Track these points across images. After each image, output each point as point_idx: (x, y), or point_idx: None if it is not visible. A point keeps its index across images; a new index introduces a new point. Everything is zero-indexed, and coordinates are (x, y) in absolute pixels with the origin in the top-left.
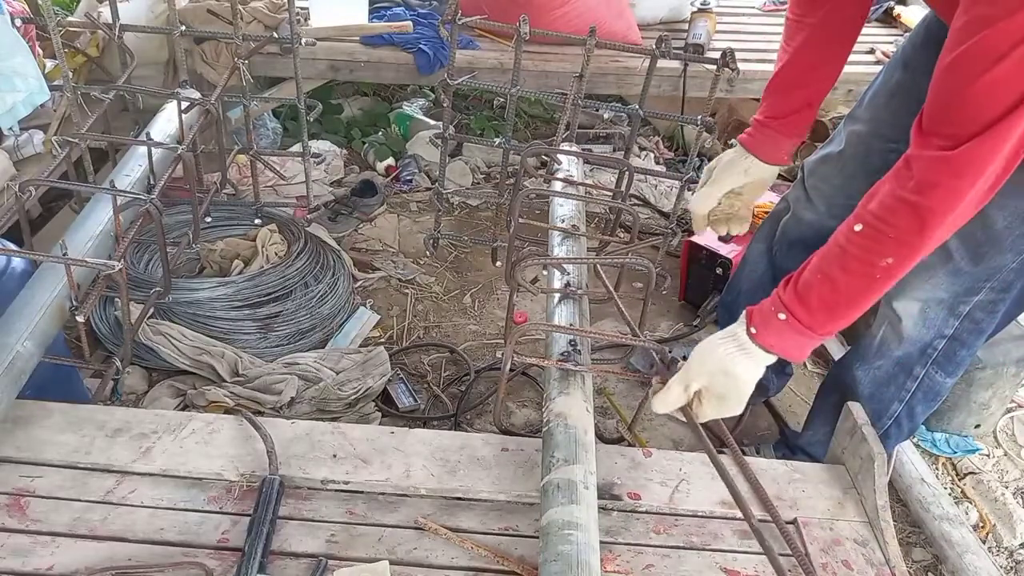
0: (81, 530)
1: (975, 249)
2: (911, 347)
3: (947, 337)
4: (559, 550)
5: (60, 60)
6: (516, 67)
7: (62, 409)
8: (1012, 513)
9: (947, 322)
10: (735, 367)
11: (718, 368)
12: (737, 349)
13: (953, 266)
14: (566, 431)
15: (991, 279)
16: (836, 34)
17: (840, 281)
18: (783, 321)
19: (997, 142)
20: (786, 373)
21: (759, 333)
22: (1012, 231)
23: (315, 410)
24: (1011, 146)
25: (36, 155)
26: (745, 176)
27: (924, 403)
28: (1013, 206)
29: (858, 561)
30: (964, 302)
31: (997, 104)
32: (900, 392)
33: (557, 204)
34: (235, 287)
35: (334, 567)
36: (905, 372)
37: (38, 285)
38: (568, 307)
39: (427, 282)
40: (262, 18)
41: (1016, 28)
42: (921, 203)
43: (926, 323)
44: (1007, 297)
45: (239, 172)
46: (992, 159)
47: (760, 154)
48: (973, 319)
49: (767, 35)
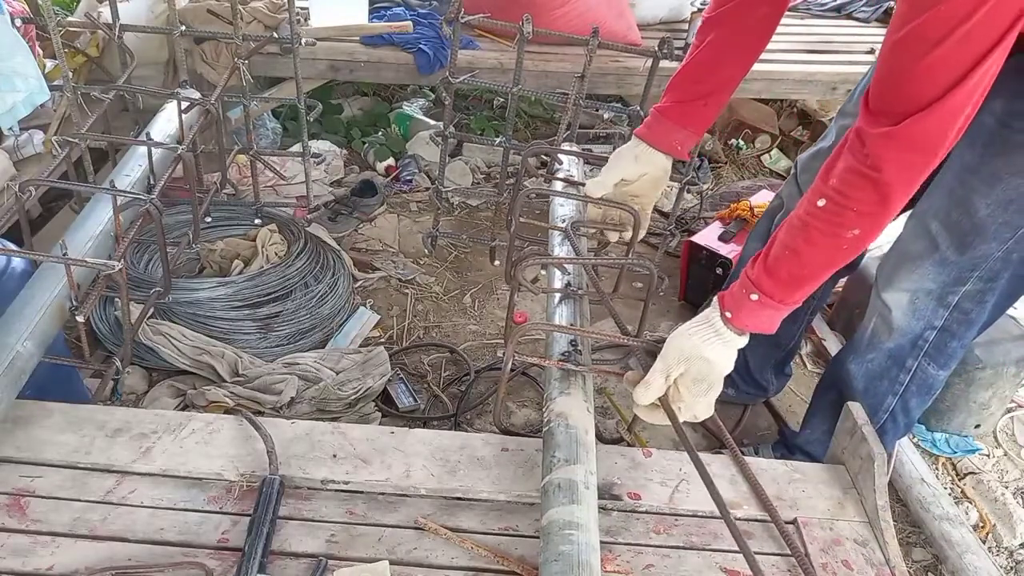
0: (81, 530)
1: (961, 238)
2: (902, 339)
3: (937, 328)
4: (560, 550)
5: (60, 60)
6: (518, 66)
7: (62, 409)
8: (1012, 513)
9: (936, 313)
10: (711, 352)
11: (695, 354)
12: (713, 334)
13: (940, 256)
14: (567, 431)
15: (977, 269)
16: (746, 34)
17: (807, 255)
18: (755, 301)
19: (938, 119)
20: (786, 373)
21: (734, 316)
22: (995, 219)
23: (315, 410)
24: (962, 119)
25: (36, 155)
26: (636, 163)
27: (918, 396)
28: (995, 195)
29: (858, 561)
30: (953, 292)
31: (937, 84)
32: (894, 385)
33: (557, 204)
34: (235, 287)
35: (334, 567)
36: (898, 365)
37: (38, 285)
38: (569, 307)
39: (427, 282)
40: (262, 18)
41: (954, 12)
42: (880, 179)
43: (916, 314)
44: (994, 287)
45: (239, 172)
46: (937, 134)
47: (652, 141)
48: (962, 310)
49: None
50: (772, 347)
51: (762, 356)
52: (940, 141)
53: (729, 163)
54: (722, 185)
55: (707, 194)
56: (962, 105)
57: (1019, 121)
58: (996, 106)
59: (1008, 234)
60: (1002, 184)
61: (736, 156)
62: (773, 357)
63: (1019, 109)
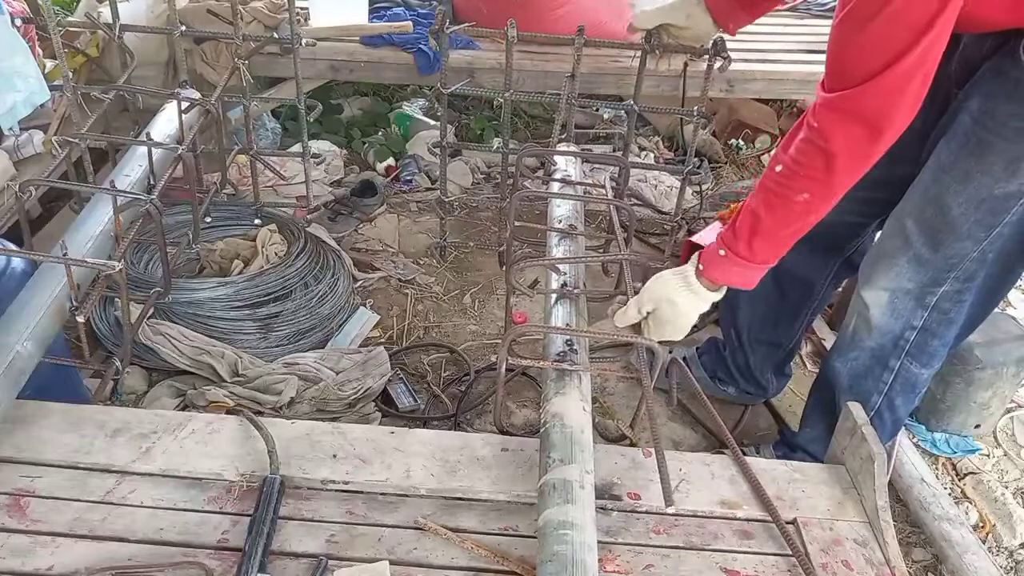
0: (81, 530)
1: (933, 236)
2: (882, 338)
3: (918, 328)
4: (555, 550)
5: (60, 60)
6: (508, 70)
7: (62, 409)
8: (1012, 513)
9: (915, 313)
10: (677, 297)
11: (664, 296)
12: (683, 283)
13: (913, 253)
14: (562, 431)
15: (954, 269)
16: None
17: (764, 215)
18: (723, 256)
19: (877, 92)
20: (785, 374)
21: (705, 269)
22: (967, 218)
23: (315, 410)
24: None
25: (36, 155)
26: (687, 20)
27: (903, 395)
28: (967, 193)
29: (858, 561)
30: (931, 292)
31: (875, 59)
32: (878, 384)
33: (555, 205)
34: (235, 287)
35: (334, 567)
36: (881, 364)
37: (38, 285)
38: (565, 307)
39: (427, 282)
40: (262, 18)
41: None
42: (828, 148)
43: (894, 313)
44: (972, 287)
45: (239, 172)
46: (877, 107)
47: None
48: (941, 310)
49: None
50: (772, 347)
51: (762, 356)
52: (882, 114)
53: (729, 163)
54: (722, 185)
55: (707, 194)
56: (901, 81)
57: (992, 121)
58: (973, 105)
59: (983, 233)
60: (974, 183)
61: (736, 156)
62: (773, 357)
63: (992, 108)
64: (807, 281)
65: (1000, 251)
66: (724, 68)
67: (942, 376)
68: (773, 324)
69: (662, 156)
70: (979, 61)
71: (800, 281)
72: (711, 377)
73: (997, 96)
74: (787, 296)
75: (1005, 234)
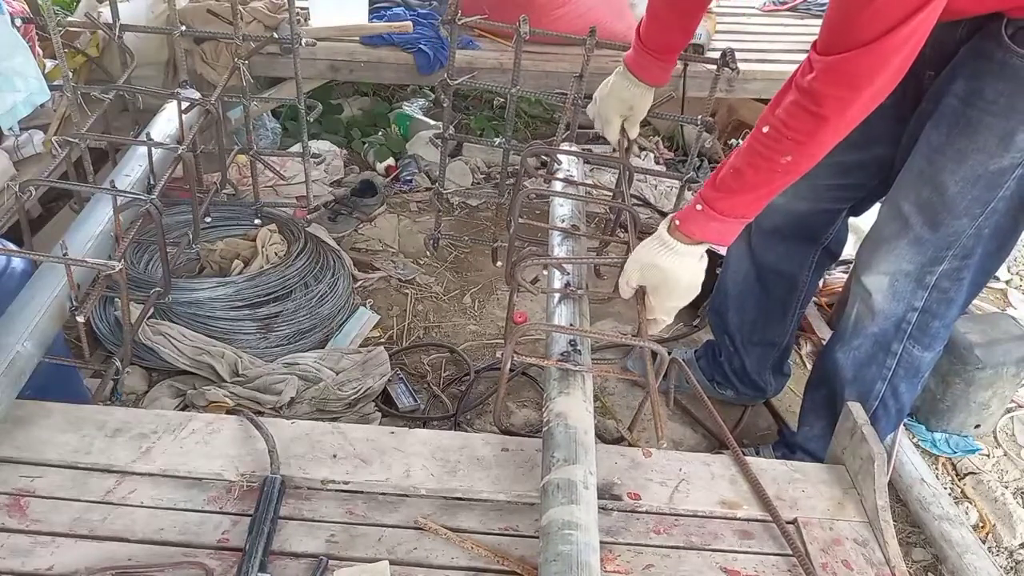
0: (81, 530)
1: (932, 216)
2: (885, 322)
3: (918, 310)
4: (559, 550)
5: (60, 60)
6: (516, 67)
7: (62, 409)
8: (1012, 513)
9: (916, 294)
10: (661, 260)
11: (647, 262)
12: (659, 244)
13: (914, 235)
14: (566, 431)
15: (952, 247)
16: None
17: (747, 173)
18: (700, 211)
19: (870, 58)
20: (784, 373)
21: (682, 224)
22: (964, 196)
23: (315, 410)
24: (894, 64)
25: (36, 155)
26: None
27: (906, 380)
28: (963, 172)
29: (858, 561)
30: (930, 272)
31: (874, 28)
32: (881, 370)
33: (557, 204)
34: (235, 287)
35: (334, 567)
36: (883, 349)
37: (38, 285)
38: (568, 307)
39: (427, 282)
40: (262, 18)
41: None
42: (819, 112)
43: (895, 296)
44: (970, 263)
45: (239, 172)
46: (866, 72)
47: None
48: (941, 289)
49: (767, 35)
50: (767, 347)
51: (758, 358)
52: (868, 79)
53: None
54: None
55: None
56: (893, 50)
57: (980, 100)
58: (958, 87)
59: (979, 209)
60: (969, 161)
61: None
62: (769, 357)
63: (980, 88)
64: (790, 275)
65: (995, 227)
66: (734, 80)
67: (942, 376)
68: (764, 324)
69: (662, 156)
70: (953, 45)
71: (783, 276)
72: (709, 380)
73: (983, 76)
74: (772, 293)
75: (999, 209)
